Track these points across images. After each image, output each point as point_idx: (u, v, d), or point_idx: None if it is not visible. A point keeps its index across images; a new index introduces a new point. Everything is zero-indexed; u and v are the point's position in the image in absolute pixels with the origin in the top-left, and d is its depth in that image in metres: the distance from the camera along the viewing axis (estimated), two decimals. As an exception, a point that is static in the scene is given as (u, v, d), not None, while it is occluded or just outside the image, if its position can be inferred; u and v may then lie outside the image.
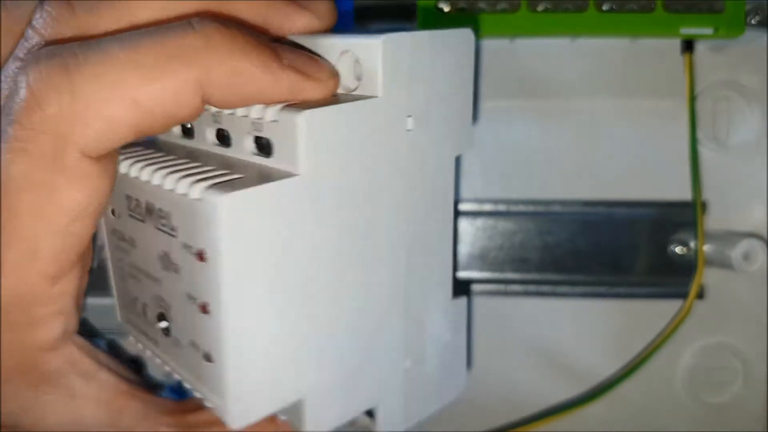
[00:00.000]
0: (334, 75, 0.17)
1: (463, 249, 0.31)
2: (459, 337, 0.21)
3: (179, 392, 0.23)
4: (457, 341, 0.21)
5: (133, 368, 0.21)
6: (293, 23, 0.18)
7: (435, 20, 0.26)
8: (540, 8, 0.26)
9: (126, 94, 0.15)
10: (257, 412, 0.16)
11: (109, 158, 0.16)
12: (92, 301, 0.24)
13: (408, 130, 0.17)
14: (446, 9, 0.27)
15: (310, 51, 0.17)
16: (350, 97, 0.16)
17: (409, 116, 0.17)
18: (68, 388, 0.18)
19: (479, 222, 0.31)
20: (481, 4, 0.27)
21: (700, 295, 0.30)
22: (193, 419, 0.20)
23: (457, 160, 0.19)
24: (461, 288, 0.23)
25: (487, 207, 0.31)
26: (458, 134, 0.19)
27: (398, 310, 0.19)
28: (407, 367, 0.19)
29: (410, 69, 0.17)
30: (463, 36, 0.18)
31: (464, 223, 0.31)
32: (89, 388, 0.19)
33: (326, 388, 0.17)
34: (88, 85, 0.15)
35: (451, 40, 0.18)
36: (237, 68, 0.15)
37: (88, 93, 0.15)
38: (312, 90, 0.16)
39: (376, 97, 0.16)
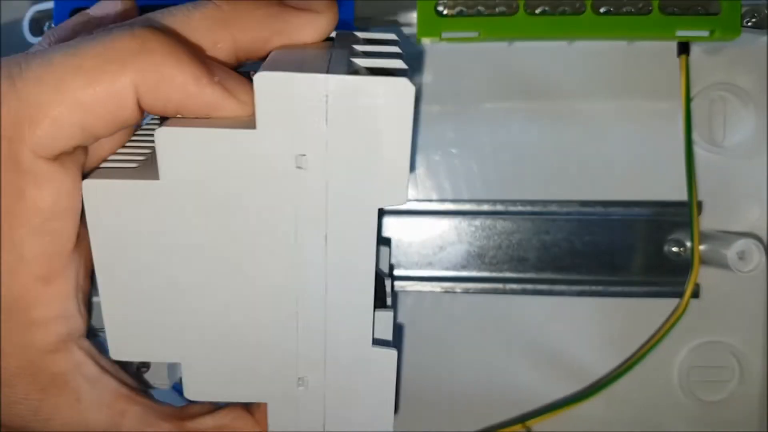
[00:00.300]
0: None
1: (462, 248, 0.32)
2: (383, 386, 0.20)
3: (181, 392, 0.24)
4: (380, 389, 0.20)
5: (136, 371, 0.22)
6: (300, 28, 0.18)
7: (434, 23, 0.27)
8: (538, 11, 0.27)
9: (68, 95, 0.16)
10: (133, 354, 0.20)
11: (68, 157, 0.17)
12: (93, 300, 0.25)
13: (298, 168, 0.17)
14: (445, 12, 0.27)
15: None
16: (236, 124, 0.17)
17: (303, 155, 0.17)
18: (75, 390, 0.19)
19: (478, 222, 0.32)
20: (480, 7, 0.27)
21: (696, 295, 0.31)
22: (192, 426, 0.20)
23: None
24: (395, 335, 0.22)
25: (486, 207, 0.31)
26: (384, 186, 0.17)
27: (288, 330, 0.19)
28: (303, 381, 0.20)
29: (302, 109, 0.16)
30: (397, 86, 0.16)
31: (463, 223, 0.32)
32: (93, 392, 0.19)
33: (205, 363, 0.20)
34: (32, 89, 0.16)
35: (376, 88, 0.16)
36: (167, 74, 0.16)
37: (33, 96, 0.16)
38: (232, 109, 0.17)
39: (253, 129, 0.17)
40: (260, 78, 0.16)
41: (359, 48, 0.19)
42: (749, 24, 0.28)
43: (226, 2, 0.18)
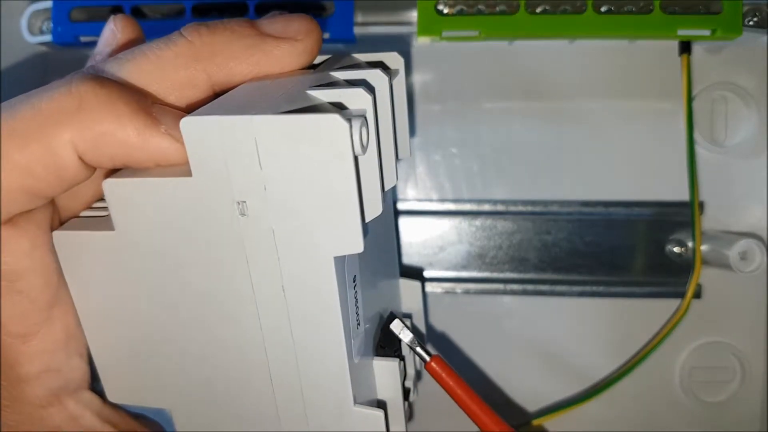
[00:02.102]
0: None
1: (462, 249, 0.32)
2: None
3: None
4: None
5: None
6: (279, 58, 0.18)
7: (435, 22, 0.27)
8: (538, 10, 0.26)
9: (6, 159, 0.16)
10: (126, 398, 0.20)
11: (23, 218, 0.17)
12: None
13: (243, 215, 0.16)
14: (446, 11, 0.27)
15: None
16: (179, 172, 0.16)
17: (243, 201, 0.16)
18: None
19: (478, 222, 0.32)
20: (480, 6, 0.27)
21: (698, 295, 0.30)
22: None
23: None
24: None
25: (486, 207, 0.31)
26: (336, 233, 0.16)
27: (262, 384, 0.19)
28: None
29: (233, 153, 0.15)
30: (328, 123, 0.15)
31: (464, 223, 0.32)
32: None
33: (193, 412, 0.20)
34: None
35: (305, 127, 0.15)
36: (107, 131, 0.16)
37: None
38: (182, 156, 0.16)
39: (190, 177, 0.16)
40: (186, 123, 0.15)
41: (337, 75, 0.18)
42: (751, 23, 0.28)
43: (198, 37, 0.17)
